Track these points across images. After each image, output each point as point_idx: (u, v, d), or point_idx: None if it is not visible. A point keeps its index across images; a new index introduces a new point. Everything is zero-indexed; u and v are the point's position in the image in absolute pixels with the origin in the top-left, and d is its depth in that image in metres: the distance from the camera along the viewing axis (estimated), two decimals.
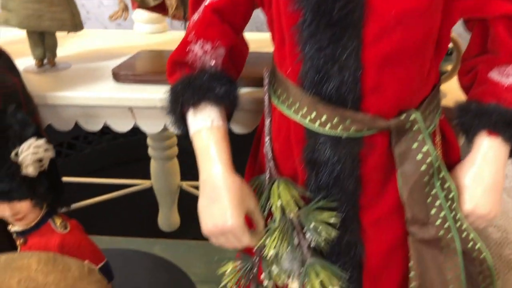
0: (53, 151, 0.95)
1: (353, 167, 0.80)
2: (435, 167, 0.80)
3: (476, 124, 0.82)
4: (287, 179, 0.83)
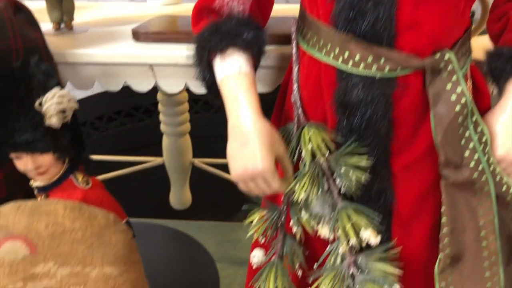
0: (76, 103, 0.94)
1: (386, 109, 0.78)
2: (468, 108, 0.78)
3: (508, 69, 0.81)
4: (318, 123, 0.82)
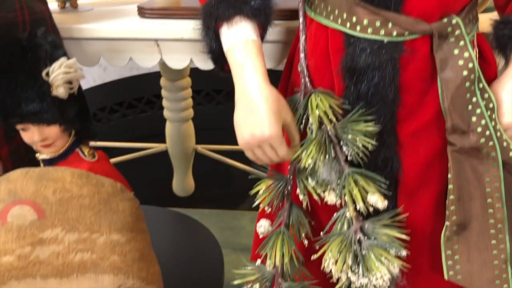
0: (82, 73, 0.94)
1: (394, 74, 0.78)
2: (476, 74, 0.78)
3: None
4: (325, 90, 0.82)
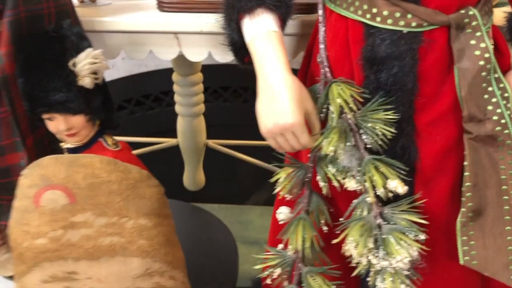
0: (107, 64, 0.96)
1: (412, 64, 0.81)
2: (492, 64, 0.81)
3: None
4: (346, 79, 0.85)
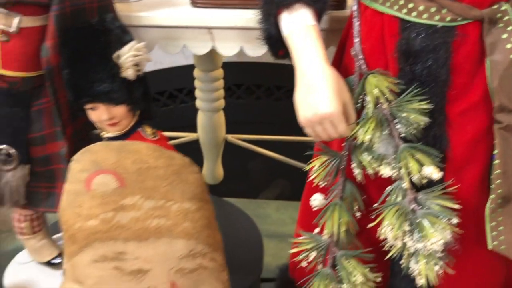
0: (149, 56, 1.00)
1: (446, 57, 0.85)
2: None
3: None
4: (382, 71, 0.89)
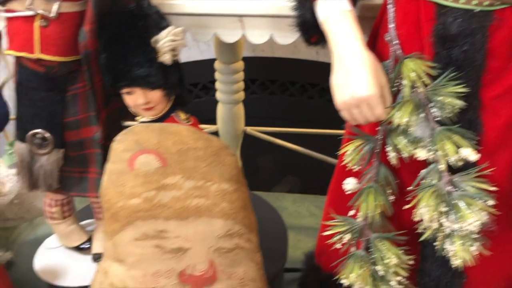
0: (186, 42, 1.02)
1: (483, 41, 0.86)
2: None
3: None
4: (418, 55, 0.90)
